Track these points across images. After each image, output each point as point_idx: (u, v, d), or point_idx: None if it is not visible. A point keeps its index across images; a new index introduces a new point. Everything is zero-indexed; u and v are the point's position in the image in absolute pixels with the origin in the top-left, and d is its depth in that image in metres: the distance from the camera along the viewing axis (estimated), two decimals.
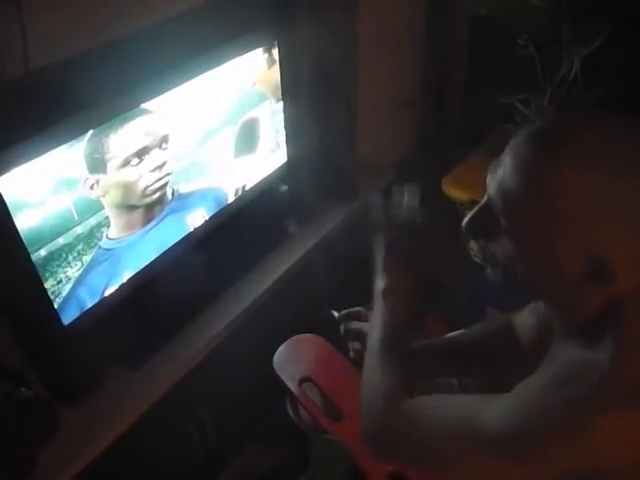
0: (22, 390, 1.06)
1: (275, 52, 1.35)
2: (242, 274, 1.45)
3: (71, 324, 1.14)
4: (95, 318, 1.18)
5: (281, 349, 1.38)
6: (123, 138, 1.08)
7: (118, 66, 1.07)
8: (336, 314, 1.17)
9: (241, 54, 1.27)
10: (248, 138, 1.40)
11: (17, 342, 1.12)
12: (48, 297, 1.07)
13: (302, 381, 1.31)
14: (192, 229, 1.36)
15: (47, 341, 1.11)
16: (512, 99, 1.66)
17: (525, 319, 1.00)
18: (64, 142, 0.98)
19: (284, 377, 1.32)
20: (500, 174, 0.70)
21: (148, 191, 1.18)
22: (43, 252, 1.03)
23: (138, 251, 1.24)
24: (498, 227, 0.71)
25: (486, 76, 1.84)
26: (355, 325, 1.14)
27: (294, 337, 1.42)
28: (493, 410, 0.71)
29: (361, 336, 1.11)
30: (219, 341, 1.32)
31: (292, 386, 1.30)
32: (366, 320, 1.14)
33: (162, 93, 1.13)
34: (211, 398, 1.41)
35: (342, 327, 1.15)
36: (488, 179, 0.73)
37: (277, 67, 1.38)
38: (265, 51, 1.33)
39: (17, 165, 0.92)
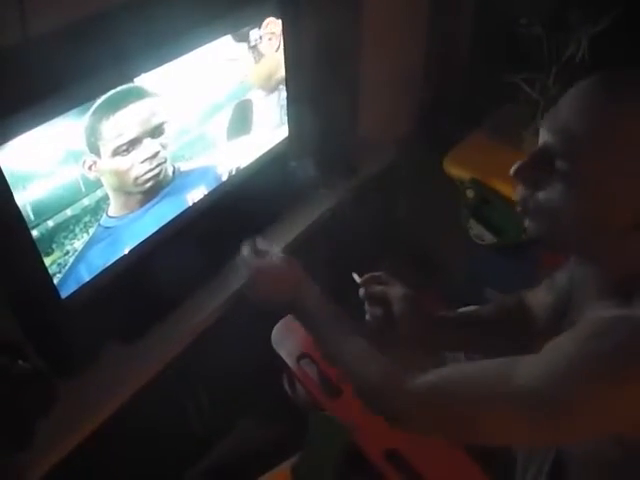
0: (20, 363, 1.06)
1: (261, 46, 1.32)
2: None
3: (69, 297, 1.13)
4: (94, 291, 1.17)
5: (279, 324, 1.37)
6: (116, 124, 1.06)
7: (114, 37, 1.05)
8: (357, 278, 1.15)
9: (246, 27, 1.25)
10: (245, 116, 1.38)
11: (15, 315, 1.12)
12: (46, 269, 1.06)
13: (300, 357, 1.31)
14: (192, 205, 1.35)
15: (44, 314, 1.11)
16: (516, 78, 1.64)
17: (541, 298, 1.00)
18: (61, 113, 0.96)
19: (282, 353, 1.31)
20: (564, 116, 0.69)
21: (140, 181, 1.18)
22: (51, 223, 1.03)
23: (138, 228, 1.23)
24: (550, 173, 0.71)
25: (490, 55, 1.82)
26: (378, 288, 1.13)
27: None
28: (524, 370, 0.69)
29: (383, 301, 1.10)
30: (218, 316, 1.32)
31: (290, 362, 1.29)
32: (387, 284, 1.13)
33: (161, 64, 1.11)
34: (209, 372, 1.41)
35: (361, 291, 1.13)
36: (545, 125, 0.72)
37: (264, 61, 1.35)
38: (250, 48, 1.30)
39: (17, 135, 0.91)
